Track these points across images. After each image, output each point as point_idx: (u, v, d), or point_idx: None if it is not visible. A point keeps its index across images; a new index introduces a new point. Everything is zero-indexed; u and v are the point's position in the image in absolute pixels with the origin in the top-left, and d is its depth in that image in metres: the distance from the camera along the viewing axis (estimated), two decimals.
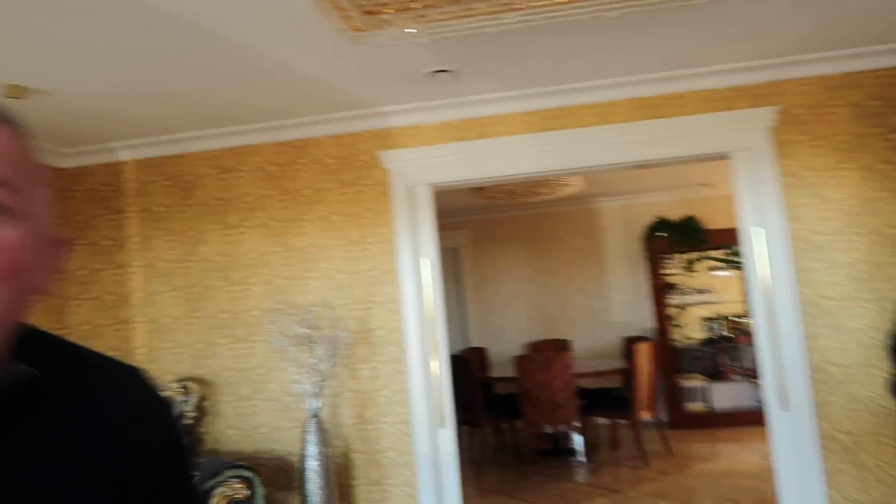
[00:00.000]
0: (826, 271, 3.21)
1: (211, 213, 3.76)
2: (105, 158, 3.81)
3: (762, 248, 3.25)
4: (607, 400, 5.54)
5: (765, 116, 3.29)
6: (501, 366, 6.61)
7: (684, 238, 6.88)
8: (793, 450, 3.16)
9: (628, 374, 5.46)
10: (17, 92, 2.63)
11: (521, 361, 5.18)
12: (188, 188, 3.78)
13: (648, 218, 7.38)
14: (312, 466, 3.27)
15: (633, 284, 7.50)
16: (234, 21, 2.29)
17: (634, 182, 6.82)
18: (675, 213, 7.25)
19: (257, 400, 3.66)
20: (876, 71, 3.23)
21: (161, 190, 3.81)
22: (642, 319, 7.40)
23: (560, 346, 7.01)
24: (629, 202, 7.62)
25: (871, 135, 3.22)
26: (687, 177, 6.89)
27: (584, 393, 5.35)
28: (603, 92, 3.40)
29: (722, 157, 3.41)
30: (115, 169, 3.83)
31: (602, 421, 6.39)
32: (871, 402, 3.12)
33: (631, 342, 6.08)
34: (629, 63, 3.15)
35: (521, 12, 2.46)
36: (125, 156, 3.80)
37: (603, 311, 7.56)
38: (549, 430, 5.12)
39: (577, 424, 5.11)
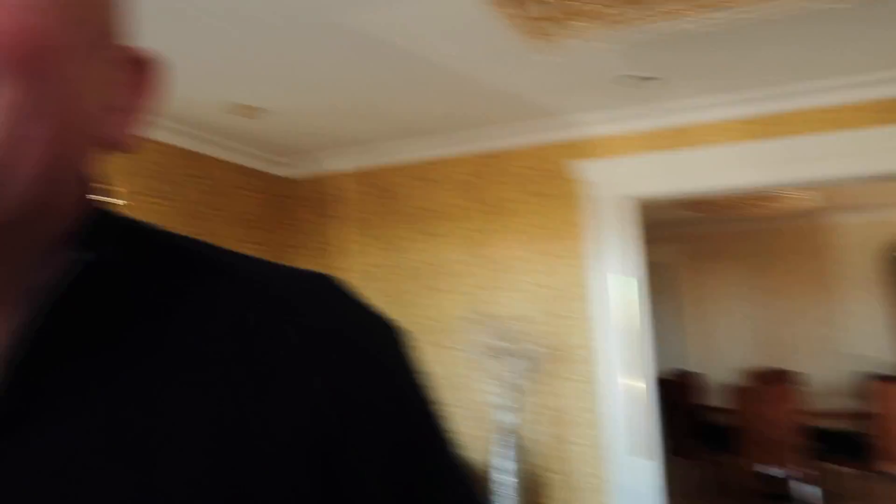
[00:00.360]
0: None
1: (415, 221, 3.94)
2: (318, 168, 4.17)
3: None
4: (846, 444, 4.84)
5: None
6: (714, 392, 6.11)
7: None
8: None
9: (869, 416, 4.72)
10: (248, 112, 3.00)
11: (743, 393, 4.73)
12: (393, 197, 4.01)
13: (893, 237, 6.37)
14: (505, 480, 3.28)
15: (872, 313, 6.51)
16: (431, 39, 2.39)
17: (878, 195, 5.94)
18: None
19: (453, 407, 3.76)
20: None
21: (369, 199, 4.08)
22: (881, 353, 6.39)
23: (781, 377, 6.29)
24: (870, 218, 6.66)
25: None
26: None
27: (819, 435, 4.72)
28: (827, 95, 2.99)
29: None
30: (327, 178, 4.18)
31: (845, 469, 5.58)
32: None
33: (872, 379, 5.26)
34: (861, 60, 2.74)
35: (734, 8, 2.25)
36: (336, 166, 4.13)
37: (833, 340, 6.66)
38: (769, 471, 4.60)
39: (807, 470, 4.51)
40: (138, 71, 0.43)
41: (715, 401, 5.54)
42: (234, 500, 0.37)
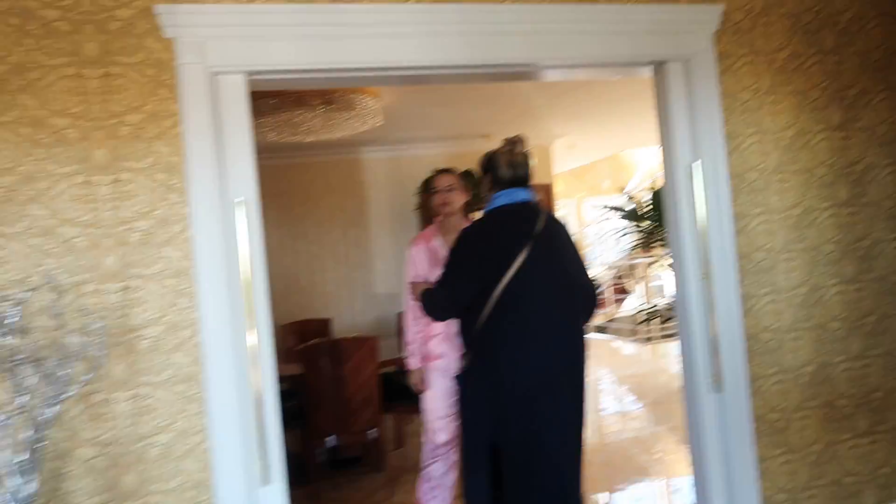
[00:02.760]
0: (761, 217, 2.64)
1: None
2: None
3: (699, 187, 2.54)
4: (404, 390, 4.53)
5: (711, 17, 2.56)
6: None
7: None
8: (722, 440, 2.53)
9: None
10: None
11: (306, 353, 3.88)
12: None
13: (420, 173, 6.54)
14: None
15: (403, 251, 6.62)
16: None
17: (402, 129, 5.91)
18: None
19: None
20: None
21: None
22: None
23: (321, 327, 5.78)
24: (397, 154, 6.68)
25: (806, 54, 2.72)
26: (464, 126, 6.20)
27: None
28: None
29: (656, 62, 2.60)
30: None
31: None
32: (799, 372, 2.65)
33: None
34: None
35: None
36: None
37: (366, 283, 6.53)
38: (337, 441, 3.90)
39: (375, 430, 3.99)
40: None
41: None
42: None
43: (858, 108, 2.79)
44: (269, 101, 4.05)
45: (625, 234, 3.46)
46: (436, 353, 2.96)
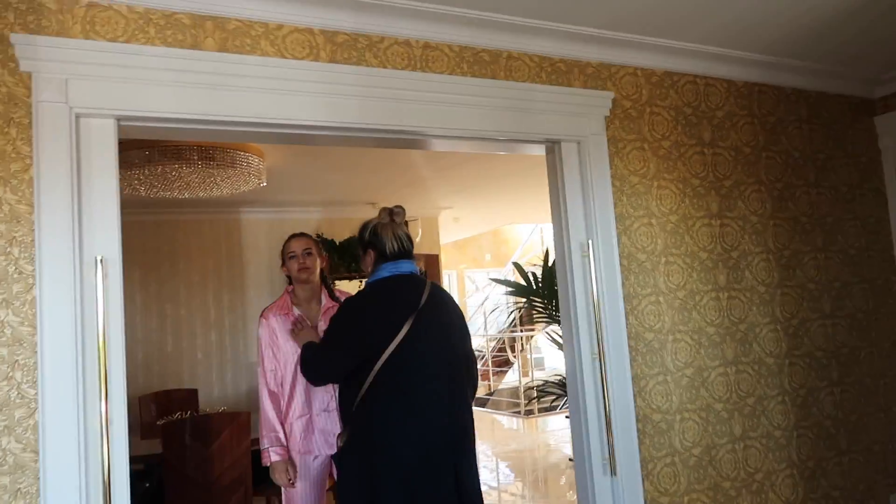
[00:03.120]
0: (650, 297, 2.68)
1: None
2: None
3: (592, 266, 2.54)
4: None
5: (603, 102, 2.64)
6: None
7: (351, 260, 6.02)
8: None
9: None
10: None
11: (168, 429, 3.47)
12: None
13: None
14: None
15: None
16: None
17: (285, 191, 5.71)
18: (333, 233, 6.35)
19: None
20: (690, 75, 2.90)
21: None
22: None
23: (187, 399, 5.28)
24: (279, 216, 6.42)
25: (686, 144, 2.86)
26: (350, 191, 6.09)
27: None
28: (423, 25, 2.30)
29: (550, 140, 2.61)
30: None
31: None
32: (687, 454, 2.66)
33: None
34: None
35: None
36: None
37: (238, 351, 6.11)
38: None
39: None
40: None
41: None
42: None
43: (733, 198, 2.95)
44: (143, 151, 3.74)
45: (510, 308, 3.41)
46: (303, 439, 2.60)
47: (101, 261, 1.86)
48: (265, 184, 4.44)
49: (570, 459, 5.92)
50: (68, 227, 1.83)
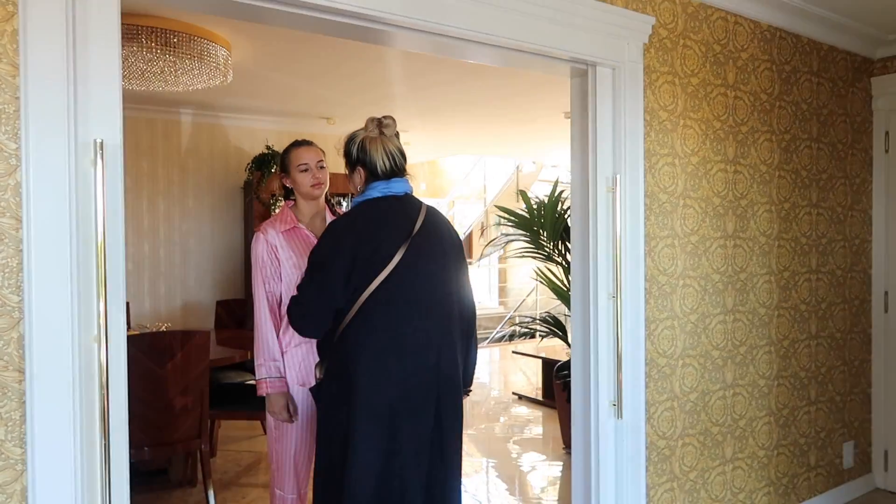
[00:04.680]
0: (667, 240, 2.59)
1: None
2: None
3: (616, 204, 2.41)
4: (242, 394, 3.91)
5: (644, 27, 2.45)
6: None
7: None
8: (615, 470, 2.43)
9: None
10: None
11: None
12: None
13: (251, 147, 5.86)
14: None
15: (224, 231, 5.87)
16: None
17: (235, 94, 5.23)
18: (283, 147, 5.93)
19: None
20: (722, 11, 2.75)
21: None
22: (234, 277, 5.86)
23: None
24: (225, 122, 5.92)
25: (713, 84, 2.74)
26: (306, 103, 5.67)
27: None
28: None
29: (585, 62, 2.41)
30: None
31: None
32: (685, 399, 2.65)
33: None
34: None
35: None
36: None
37: (174, 263, 5.69)
38: (150, 454, 3.22)
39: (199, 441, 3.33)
40: None
41: None
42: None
43: (748, 145, 2.88)
44: None
45: (508, 240, 3.27)
46: (302, 370, 2.36)
47: (101, 145, 1.53)
48: (230, 80, 4.00)
49: (515, 394, 5.99)
50: (62, 97, 1.49)
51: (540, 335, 4.14)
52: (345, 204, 5.79)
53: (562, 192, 3.35)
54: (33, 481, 1.44)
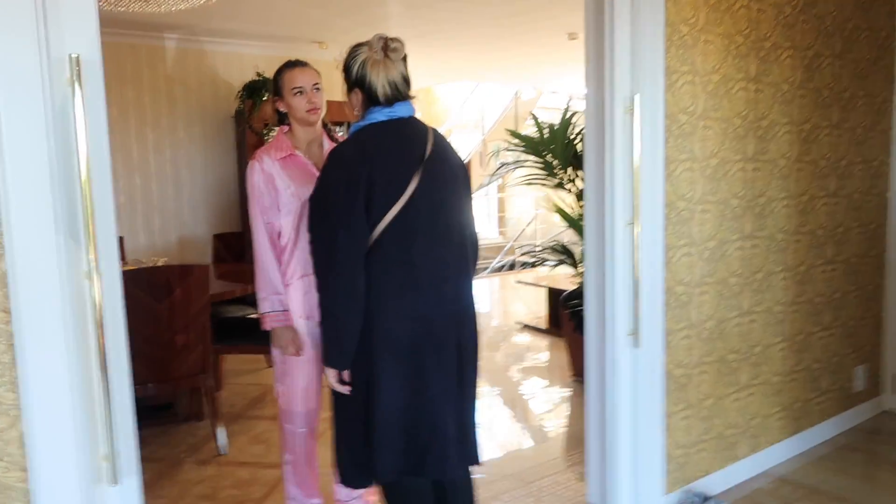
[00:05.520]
0: (686, 164, 2.47)
1: None
2: None
3: (635, 125, 2.27)
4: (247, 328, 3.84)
5: None
6: None
7: None
8: (633, 396, 2.39)
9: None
10: None
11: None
12: None
13: (240, 73, 5.61)
14: None
15: (217, 162, 5.70)
16: None
17: (222, 18, 4.97)
18: (271, 73, 5.68)
19: None
20: None
21: None
22: (225, 212, 5.72)
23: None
24: (212, 48, 5.66)
25: None
26: (298, 26, 5.40)
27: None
28: None
29: None
30: None
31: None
32: (702, 328, 2.59)
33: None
34: None
35: None
36: None
37: (167, 196, 5.54)
38: (154, 391, 3.17)
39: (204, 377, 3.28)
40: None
41: None
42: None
43: (770, 62, 2.72)
44: None
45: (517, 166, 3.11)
46: (305, 302, 2.24)
47: (78, 61, 1.39)
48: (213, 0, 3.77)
49: (519, 323, 5.98)
50: (29, 4, 1.33)
51: (550, 264, 4.06)
52: (342, 132, 5.60)
53: (573, 114, 3.19)
54: (30, 426, 1.37)
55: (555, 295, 5.52)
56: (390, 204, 1.78)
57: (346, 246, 1.78)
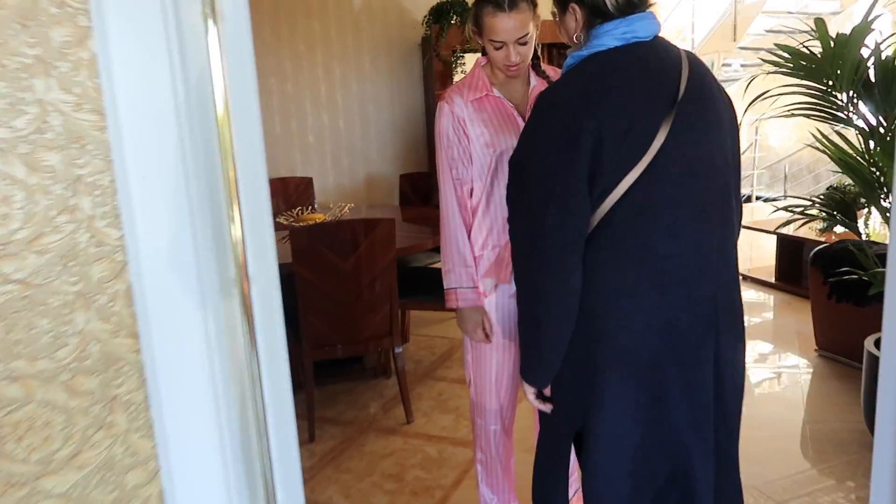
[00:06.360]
0: None
1: None
2: None
3: None
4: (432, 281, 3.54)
5: None
6: None
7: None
8: None
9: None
10: None
11: (299, 237, 2.79)
12: None
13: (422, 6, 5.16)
14: None
15: (404, 95, 5.39)
16: None
17: None
18: None
19: None
20: None
21: None
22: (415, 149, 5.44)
23: (303, 188, 4.63)
24: None
25: None
26: None
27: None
28: None
29: None
30: None
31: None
32: None
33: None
34: None
35: None
36: None
37: (355, 135, 5.35)
38: (342, 353, 2.94)
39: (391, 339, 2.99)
40: None
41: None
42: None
43: None
44: None
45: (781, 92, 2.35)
46: (493, 270, 1.84)
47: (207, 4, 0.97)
48: None
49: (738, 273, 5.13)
50: None
51: (824, 220, 3.24)
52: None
53: (873, 19, 2.25)
54: (171, 481, 1.06)
55: (787, 244, 4.62)
56: (626, 168, 1.23)
57: (556, 228, 1.26)
